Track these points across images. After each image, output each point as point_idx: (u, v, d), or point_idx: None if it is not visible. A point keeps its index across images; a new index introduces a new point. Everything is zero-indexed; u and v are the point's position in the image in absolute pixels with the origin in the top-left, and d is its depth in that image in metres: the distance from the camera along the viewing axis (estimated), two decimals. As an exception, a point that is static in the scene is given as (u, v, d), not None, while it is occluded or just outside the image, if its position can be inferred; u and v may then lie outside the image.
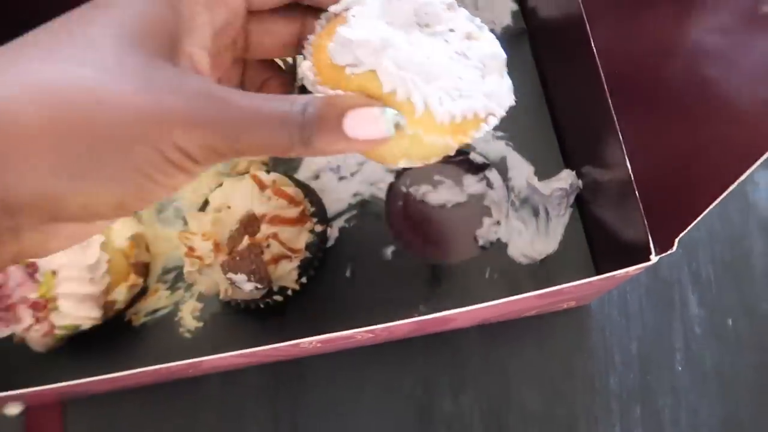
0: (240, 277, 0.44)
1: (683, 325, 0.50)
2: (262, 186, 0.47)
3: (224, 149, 0.24)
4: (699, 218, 0.32)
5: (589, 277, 0.46)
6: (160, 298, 0.51)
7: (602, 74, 0.40)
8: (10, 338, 0.47)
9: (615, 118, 0.39)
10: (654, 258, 0.35)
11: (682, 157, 0.36)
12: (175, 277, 0.52)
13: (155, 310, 0.51)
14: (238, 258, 0.44)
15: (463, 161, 0.54)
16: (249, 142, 0.24)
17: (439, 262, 0.51)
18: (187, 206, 0.54)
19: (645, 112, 0.39)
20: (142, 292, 0.52)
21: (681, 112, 0.37)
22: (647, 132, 0.38)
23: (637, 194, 0.37)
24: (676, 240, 0.33)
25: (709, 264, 0.51)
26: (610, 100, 0.40)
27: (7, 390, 0.39)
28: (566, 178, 0.48)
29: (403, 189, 0.54)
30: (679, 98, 0.38)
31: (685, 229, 0.32)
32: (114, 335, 0.50)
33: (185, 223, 0.54)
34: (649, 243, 0.35)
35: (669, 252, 0.33)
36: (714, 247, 0.52)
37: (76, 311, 0.46)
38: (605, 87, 0.40)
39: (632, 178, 0.37)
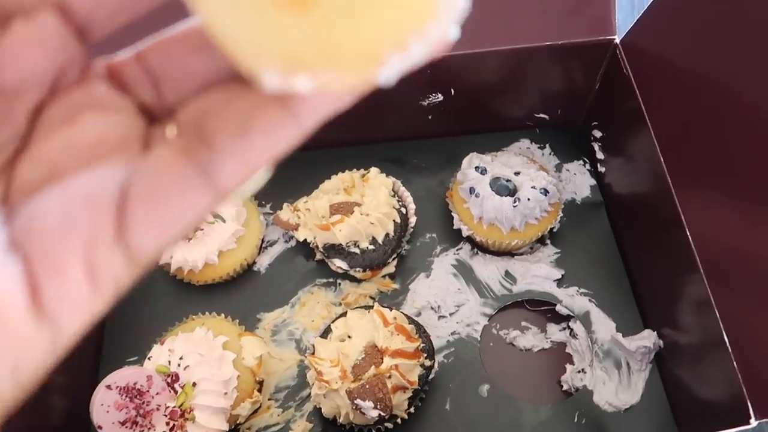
0: (367, 404, 0.49)
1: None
2: (386, 322, 0.53)
3: None
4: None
5: (670, 428, 0.52)
6: (272, 416, 0.56)
7: (692, 244, 0.49)
8: (139, 443, 0.51)
9: (708, 287, 0.47)
10: (753, 422, 0.41)
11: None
12: (286, 396, 0.57)
13: (267, 427, 0.55)
14: (367, 386, 0.49)
15: (549, 311, 0.61)
16: None
17: (530, 401, 0.56)
18: (300, 330, 0.60)
19: (737, 280, 0.46)
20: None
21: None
22: (739, 302, 0.46)
23: (734, 361, 0.43)
24: (777, 408, 0.39)
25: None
26: (702, 269, 0.48)
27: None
28: (649, 337, 0.55)
29: (494, 332, 0.60)
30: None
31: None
32: (230, 448, 0.54)
33: (296, 346, 0.59)
34: (747, 407, 0.41)
35: (770, 418, 0.39)
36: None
37: (208, 423, 0.50)
38: (696, 256, 0.48)
39: (729, 347, 0.44)
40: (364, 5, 0.15)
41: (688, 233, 0.50)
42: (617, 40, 0.58)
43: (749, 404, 0.41)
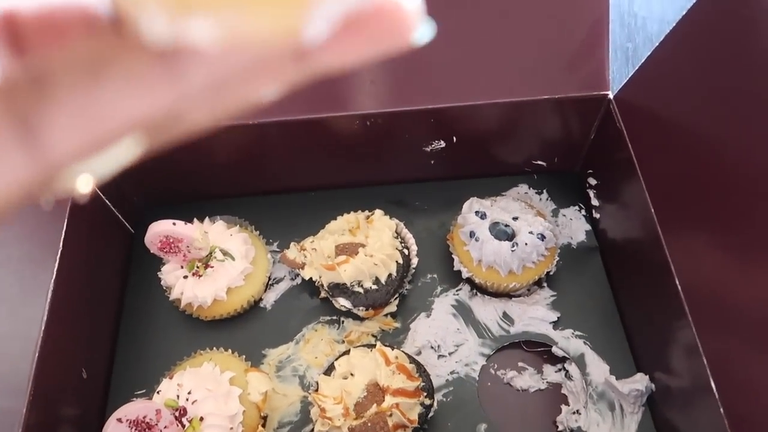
0: (369, 442, 0.51)
1: None
2: (387, 361, 0.55)
3: None
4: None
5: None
6: (275, 451, 0.57)
7: (680, 290, 0.51)
8: (147, 476, 0.52)
9: (696, 333, 0.49)
10: (739, 466, 0.42)
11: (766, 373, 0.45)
12: (289, 432, 0.58)
13: (269, 462, 0.57)
14: (369, 424, 0.51)
15: (545, 352, 0.63)
16: None
17: (525, 443, 0.58)
18: (303, 367, 0.62)
19: (723, 327, 0.48)
20: (258, 443, 0.57)
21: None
22: (726, 349, 0.48)
23: (720, 406, 0.45)
24: (761, 454, 0.41)
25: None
26: (689, 316, 0.50)
27: None
28: (641, 381, 0.57)
29: (492, 372, 0.62)
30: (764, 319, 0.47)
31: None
32: (233, 482, 0.55)
33: (300, 382, 0.61)
34: (733, 452, 0.43)
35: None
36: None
37: (214, 457, 0.52)
38: (684, 303, 0.50)
39: (715, 392, 0.46)
40: None
41: (676, 280, 0.52)
42: (611, 96, 0.61)
43: (735, 449, 0.43)
